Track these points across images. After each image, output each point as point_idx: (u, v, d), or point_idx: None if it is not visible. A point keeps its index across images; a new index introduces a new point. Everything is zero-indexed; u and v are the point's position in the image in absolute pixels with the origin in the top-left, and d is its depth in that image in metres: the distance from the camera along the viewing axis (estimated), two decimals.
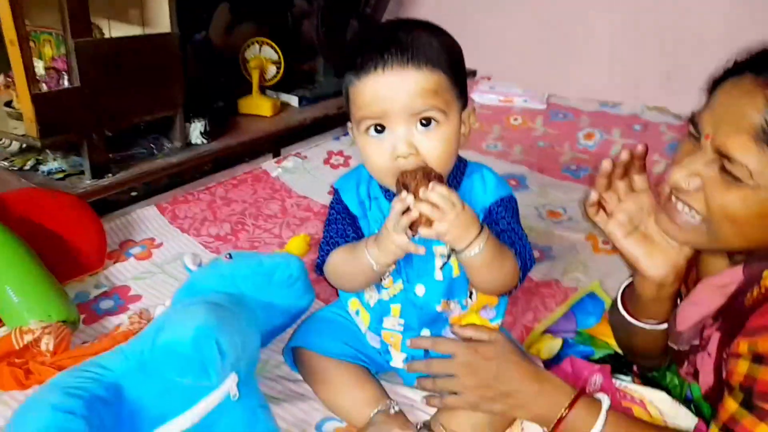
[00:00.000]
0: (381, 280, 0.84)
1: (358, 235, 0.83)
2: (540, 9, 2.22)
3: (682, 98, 1.93)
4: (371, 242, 0.75)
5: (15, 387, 0.85)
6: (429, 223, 0.69)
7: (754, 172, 0.61)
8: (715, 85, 0.68)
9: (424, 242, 0.79)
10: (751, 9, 1.81)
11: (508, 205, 0.82)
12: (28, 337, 0.88)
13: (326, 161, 1.73)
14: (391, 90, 0.70)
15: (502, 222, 0.80)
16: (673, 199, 0.71)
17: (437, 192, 0.68)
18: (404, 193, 0.69)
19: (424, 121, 0.72)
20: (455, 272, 0.82)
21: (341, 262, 0.81)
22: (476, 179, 0.82)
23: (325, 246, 0.85)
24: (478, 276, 0.77)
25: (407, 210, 0.69)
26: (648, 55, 2.04)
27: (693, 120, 0.69)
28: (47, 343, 0.87)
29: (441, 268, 0.82)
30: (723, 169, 0.64)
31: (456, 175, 0.81)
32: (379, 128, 0.73)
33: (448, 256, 0.81)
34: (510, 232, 0.80)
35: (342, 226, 0.84)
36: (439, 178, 0.71)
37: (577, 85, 2.16)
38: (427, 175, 0.70)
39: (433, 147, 0.72)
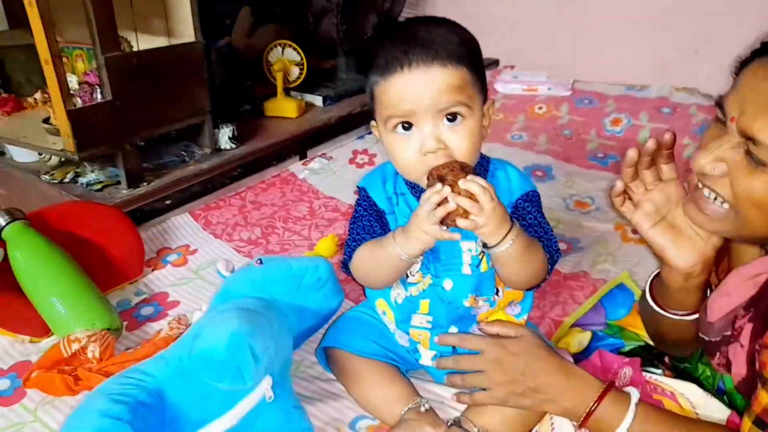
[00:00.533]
0: (407, 275, 0.85)
1: (385, 231, 0.85)
2: None
3: (712, 77, 1.90)
4: (399, 233, 0.77)
5: (66, 393, 0.90)
6: (466, 214, 0.70)
7: None
8: (741, 66, 0.67)
9: None
10: None
11: (533, 200, 0.83)
12: (75, 346, 0.93)
13: (351, 161, 1.75)
14: (418, 88, 0.72)
15: (528, 217, 0.82)
16: (700, 186, 0.70)
17: (478, 183, 0.70)
18: (439, 185, 0.71)
19: (450, 117, 0.74)
20: (483, 267, 0.84)
21: (368, 255, 0.82)
22: (500, 176, 0.84)
23: (351, 243, 0.86)
24: (509, 270, 0.78)
25: (443, 201, 0.70)
26: (674, 33, 1.99)
27: (719, 103, 0.68)
28: (93, 351, 0.92)
29: (470, 264, 0.83)
30: (748, 153, 0.63)
31: (480, 172, 0.82)
32: (406, 125, 0.75)
33: (482, 252, 0.82)
34: (536, 226, 0.82)
35: (368, 222, 0.86)
36: (475, 172, 0.73)
37: (603, 69, 2.12)
38: (463, 167, 0.72)
39: (461, 141, 0.74)
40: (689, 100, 1.87)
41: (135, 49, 1.65)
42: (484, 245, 0.76)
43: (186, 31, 1.61)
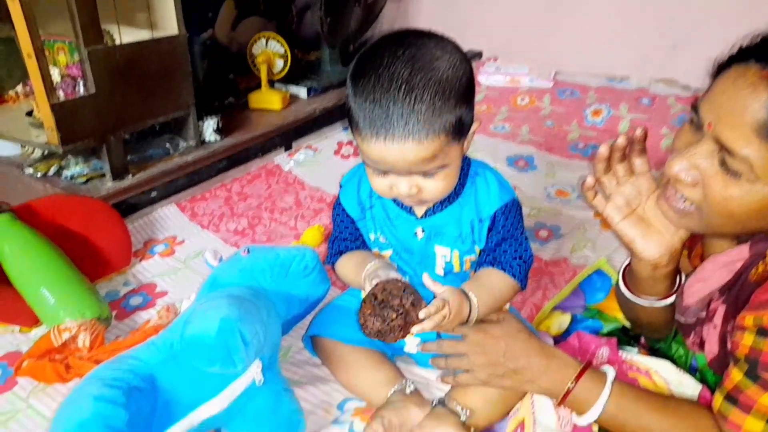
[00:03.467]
0: None
1: (356, 236, 0.92)
2: None
3: (690, 69, 1.94)
4: (368, 280, 0.81)
5: (57, 381, 0.91)
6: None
7: (755, 166, 0.61)
8: (719, 70, 0.67)
9: (426, 240, 0.85)
10: None
11: (511, 210, 0.86)
12: (65, 335, 0.94)
13: (336, 152, 1.76)
14: (393, 158, 0.72)
15: (503, 230, 0.85)
16: (671, 186, 0.72)
17: (429, 324, 0.73)
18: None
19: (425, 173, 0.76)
20: (456, 268, 0.88)
21: (348, 273, 0.90)
22: (480, 183, 0.86)
23: (333, 242, 0.93)
24: (483, 314, 0.83)
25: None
26: (654, 26, 2.03)
27: (695, 106, 0.69)
28: (84, 340, 0.93)
29: (443, 267, 0.88)
30: (723, 163, 0.64)
31: (459, 177, 0.84)
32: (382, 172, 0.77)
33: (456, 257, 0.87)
34: (510, 239, 0.86)
35: (345, 226, 0.92)
36: (406, 305, 0.74)
37: (584, 62, 2.15)
38: (404, 292, 0.74)
39: (435, 188, 0.77)
40: (668, 92, 1.91)
41: (117, 42, 1.65)
42: None
43: (169, 24, 1.61)
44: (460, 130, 0.75)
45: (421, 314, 0.73)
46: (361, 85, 0.72)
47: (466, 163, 0.86)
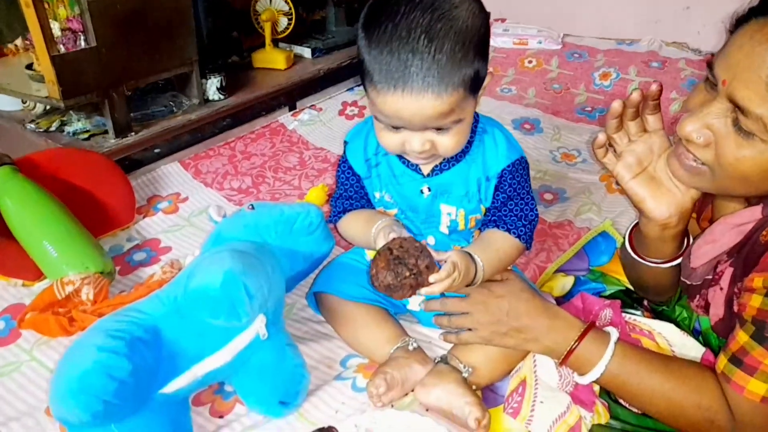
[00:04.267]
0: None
1: (362, 194, 0.91)
2: None
3: (702, 32, 1.89)
4: (379, 235, 0.79)
5: (61, 333, 0.91)
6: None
7: None
8: (737, 24, 0.65)
9: (432, 199, 0.85)
10: None
11: (518, 168, 0.85)
12: (69, 288, 0.94)
13: (341, 112, 1.74)
14: (409, 112, 0.70)
15: (509, 189, 0.84)
16: (683, 145, 0.71)
17: (438, 286, 0.73)
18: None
19: (439, 128, 0.74)
20: (461, 226, 0.87)
21: (355, 230, 0.88)
22: (488, 141, 0.84)
23: (337, 200, 0.92)
24: (489, 276, 0.83)
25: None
26: None
27: (710, 63, 0.67)
28: (87, 293, 0.94)
29: (447, 226, 0.87)
30: (736, 124, 0.63)
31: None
32: (395, 127, 0.74)
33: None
34: (517, 198, 0.85)
35: (350, 184, 0.91)
36: (419, 267, 0.73)
37: (594, 24, 2.10)
38: (418, 251, 0.73)
39: (449, 143, 0.75)
40: (678, 55, 1.87)
41: None
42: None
43: None
44: (476, 84, 0.73)
45: (432, 279, 0.73)
46: (376, 35, 0.68)
47: (474, 120, 0.84)
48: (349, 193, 0.91)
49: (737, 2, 0.67)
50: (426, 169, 0.84)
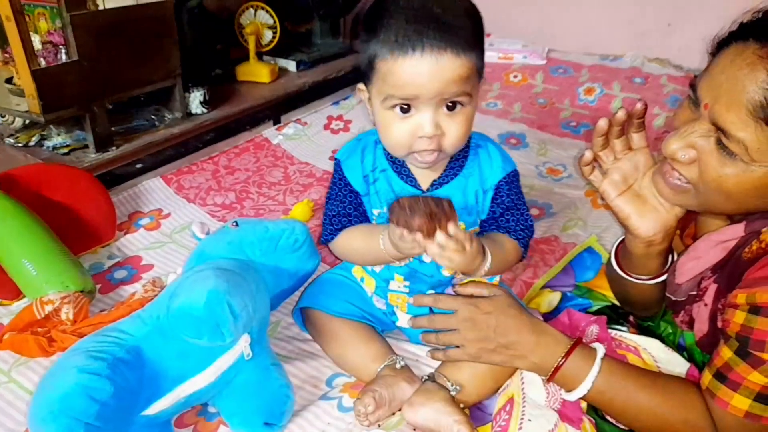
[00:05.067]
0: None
1: (360, 212, 0.87)
2: None
3: (684, 49, 1.93)
4: (388, 241, 0.78)
5: (40, 354, 0.89)
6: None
7: (751, 148, 0.61)
8: (719, 47, 0.66)
9: None
10: None
11: (513, 180, 0.86)
12: (48, 308, 0.92)
13: (326, 126, 1.74)
14: (427, 75, 0.69)
15: (507, 200, 0.85)
16: (668, 163, 0.72)
17: (454, 240, 0.72)
18: (410, 236, 0.71)
19: (450, 105, 0.73)
20: None
21: (358, 243, 0.85)
22: (483, 154, 0.85)
23: (329, 221, 0.88)
24: (490, 275, 0.84)
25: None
26: (649, 5, 2.01)
27: (693, 84, 0.68)
28: (67, 312, 0.91)
29: None
30: (719, 143, 0.64)
31: (462, 148, 0.83)
32: (405, 107, 0.73)
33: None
34: (513, 209, 0.86)
35: (344, 202, 0.87)
36: (444, 209, 0.72)
37: (578, 38, 2.13)
38: (432, 214, 0.71)
39: (457, 128, 0.75)
40: (661, 71, 1.90)
41: (101, 7, 1.60)
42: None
43: None
44: (481, 70, 0.75)
45: (450, 228, 0.71)
46: (385, 16, 0.70)
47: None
48: (348, 210, 0.88)
49: (717, 19, 0.68)
50: (425, 184, 0.84)
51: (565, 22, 2.17)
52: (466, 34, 0.70)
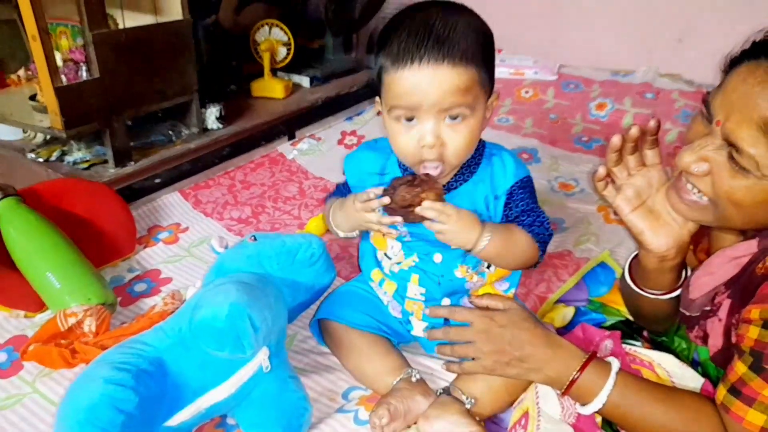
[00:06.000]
0: (391, 257, 0.91)
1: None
2: None
3: (695, 64, 1.94)
4: (337, 210, 0.85)
5: (63, 366, 0.91)
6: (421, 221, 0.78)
7: (761, 164, 0.62)
8: (731, 65, 0.67)
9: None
10: None
11: (527, 185, 0.87)
12: (71, 320, 0.94)
13: (340, 142, 1.76)
14: (425, 85, 0.72)
15: (521, 204, 0.85)
16: (683, 177, 0.73)
17: (428, 207, 0.75)
18: (385, 200, 0.77)
19: (452, 116, 0.75)
20: None
21: (329, 210, 0.92)
22: (496, 162, 0.86)
23: (336, 189, 0.97)
24: (497, 263, 0.84)
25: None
26: (659, 20, 2.02)
27: (706, 100, 0.70)
28: (89, 325, 0.93)
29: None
30: (731, 157, 0.65)
31: (475, 157, 0.85)
32: (409, 118, 0.76)
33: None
34: (529, 211, 0.85)
35: (339, 190, 0.95)
36: (432, 189, 0.76)
37: (589, 55, 2.15)
38: (432, 186, 0.76)
39: (458, 139, 0.77)
40: (672, 86, 1.91)
41: (120, 26, 1.64)
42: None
43: (173, 9, 1.60)
44: (487, 82, 0.77)
45: (426, 202, 0.75)
46: (393, 32, 0.74)
47: (481, 144, 0.87)
48: (336, 197, 0.95)
49: (727, 35, 0.70)
50: None
51: (575, 37, 2.19)
52: (466, 46, 0.72)
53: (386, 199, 0.77)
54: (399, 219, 0.78)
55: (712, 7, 1.88)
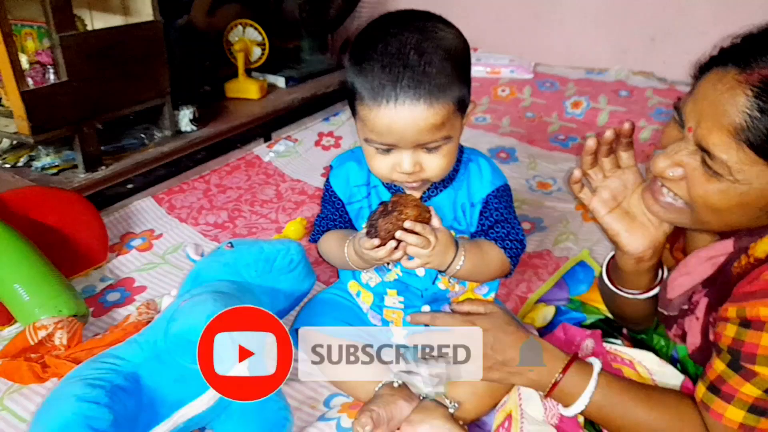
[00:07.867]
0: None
1: (345, 219, 0.89)
2: None
3: (668, 62, 1.97)
4: (351, 251, 0.80)
5: (34, 381, 0.88)
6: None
7: (734, 169, 0.63)
8: (701, 72, 0.68)
9: None
10: None
11: (503, 194, 0.86)
12: (42, 333, 0.91)
13: (317, 143, 1.74)
14: (401, 125, 0.71)
15: (495, 214, 0.85)
16: (658, 181, 0.74)
17: (412, 237, 0.74)
18: (375, 242, 0.74)
19: (429, 148, 0.74)
20: None
21: (331, 248, 0.87)
22: (473, 168, 0.86)
23: (318, 222, 0.91)
24: (467, 279, 0.84)
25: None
26: (633, 20, 2.05)
27: (677, 107, 0.70)
28: (61, 338, 0.90)
29: None
30: (704, 162, 0.66)
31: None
32: (386, 150, 0.75)
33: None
34: (503, 222, 0.85)
35: (331, 207, 0.90)
36: (417, 210, 0.75)
37: (564, 52, 2.16)
38: (414, 206, 0.75)
39: (436, 163, 0.76)
40: (646, 84, 1.93)
41: (89, 28, 1.59)
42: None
43: (144, 9, 1.57)
44: (463, 103, 0.75)
45: (407, 224, 0.73)
46: (367, 55, 0.71)
47: (459, 150, 0.85)
48: (334, 215, 0.90)
49: (699, 34, 0.71)
50: (415, 196, 0.85)
51: (551, 36, 2.20)
52: (443, 80, 0.70)
53: (376, 241, 0.74)
54: (394, 243, 0.76)
55: (684, 7, 1.91)
